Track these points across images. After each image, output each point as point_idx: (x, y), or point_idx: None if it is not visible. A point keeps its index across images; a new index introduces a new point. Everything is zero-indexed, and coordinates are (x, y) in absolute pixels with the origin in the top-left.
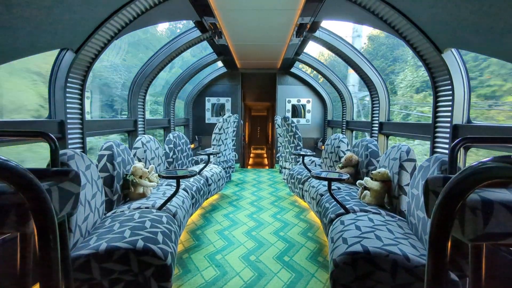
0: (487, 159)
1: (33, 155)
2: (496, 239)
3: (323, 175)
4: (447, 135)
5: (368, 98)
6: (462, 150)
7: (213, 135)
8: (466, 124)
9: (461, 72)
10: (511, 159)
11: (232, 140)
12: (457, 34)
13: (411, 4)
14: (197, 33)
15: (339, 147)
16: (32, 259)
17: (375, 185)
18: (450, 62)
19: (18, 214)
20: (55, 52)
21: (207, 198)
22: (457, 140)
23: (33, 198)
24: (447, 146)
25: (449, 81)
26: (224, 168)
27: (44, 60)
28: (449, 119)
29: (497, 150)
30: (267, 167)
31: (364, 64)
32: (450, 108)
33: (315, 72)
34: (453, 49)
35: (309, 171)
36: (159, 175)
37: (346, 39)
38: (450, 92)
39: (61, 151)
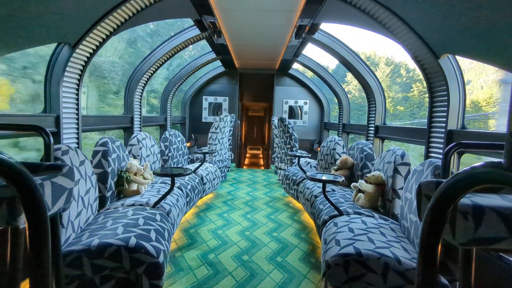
0: (478, 164)
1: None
2: (486, 244)
3: (318, 177)
4: (442, 140)
5: None
6: (456, 155)
7: (210, 134)
8: (461, 130)
9: (457, 78)
10: (502, 165)
11: (229, 139)
12: (454, 41)
13: (410, 10)
14: (196, 31)
15: (334, 149)
16: (23, 254)
17: (369, 188)
18: (446, 68)
19: (9, 208)
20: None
21: (201, 197)
22: (451, 145)
23: (24, 192)
24: (441, 151)
25: (445, 87)
26: (219, 168)
27: None
28: (444, 125)
29: (492, 156)
30: (262, 168)
31: (362, 68)
32: (445, 114)
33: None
34: (449, 55)
35: (304, 172)
36: (154, 173)
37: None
38: (446, 97)
39: (55, 146)
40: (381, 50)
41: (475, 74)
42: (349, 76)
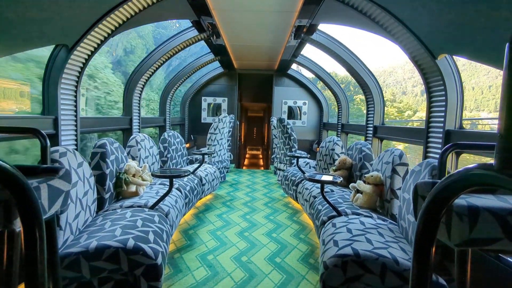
0: (471, 165)
1: None
2: (481, 245)
3: (317, 177)
4: (440, 140)
5: None
6: (454, 155)
7: (209, 135)
8: (458, 130)
9: (454, 78)
10: (492, 167)
11: (228, 140)
12: (451, 41)
13: (407, 11)
14: (194, 32)
15: (333, 149)
16: (20, 258)
17: (367, 188)
18: (444, 68)
19: (4, 211)
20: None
21: (200, 198)
22: (447, 145)
23: (19, 195)
24: (439, 151)
25: (442, 87)
26: (218, 168)
27: None
28: (441, 125)
29: (490, 156)
30: (262, 168)
31: (360, 68)
32: (443, 114)
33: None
34: (447, 55)
35: (303, 173)
36: (152, 174)
37: None
38: (444, 98)
39: (53, 148)
40: (340, 71)
41: (467, 76)
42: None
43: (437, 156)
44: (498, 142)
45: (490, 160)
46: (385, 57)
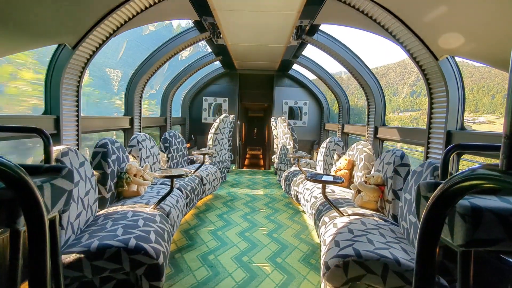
0: (476, 166)
1: None
2: (485, 246)
3: (318, 177)
4: (441, 141)
5: None
6: (455, 156)
7: (209, 135)
8: (460, 131)
9: (456, 79)
10: (499, 168)
11: (228, 140)
12: (453, 42)
13: (410, 11)
14: (196, 32)
15: (334, 150)
16: (23, 256)
17: (369, 189)
18: (445, 69)
19: (9, 210)
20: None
21: (201, 198)
22: (450, 146)
23: (23, 194)
24: (440, 151)
25: (444, 88)
26: (219, 169)
27: None
28: (443, 125)
29: (491, 157)
30: (262, 168)
31: (361, 69)
32: (444, 115)
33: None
34: (448, 56)
35: (304, 173)
36: (153, 174)
37: None
38: (445, 98)
39: (55, 148)
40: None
41: None
42: None
43: (439, 156)
44: (503, 143)
45: (491, 161)
46: (380, 59)
